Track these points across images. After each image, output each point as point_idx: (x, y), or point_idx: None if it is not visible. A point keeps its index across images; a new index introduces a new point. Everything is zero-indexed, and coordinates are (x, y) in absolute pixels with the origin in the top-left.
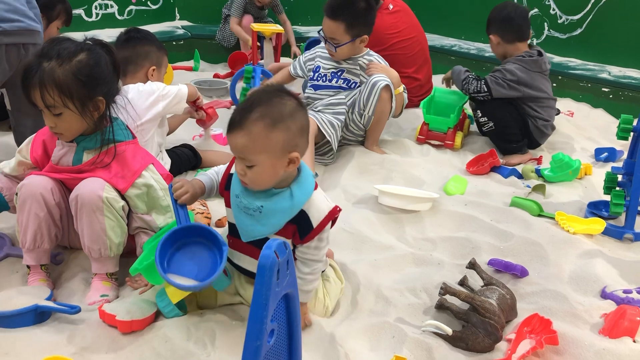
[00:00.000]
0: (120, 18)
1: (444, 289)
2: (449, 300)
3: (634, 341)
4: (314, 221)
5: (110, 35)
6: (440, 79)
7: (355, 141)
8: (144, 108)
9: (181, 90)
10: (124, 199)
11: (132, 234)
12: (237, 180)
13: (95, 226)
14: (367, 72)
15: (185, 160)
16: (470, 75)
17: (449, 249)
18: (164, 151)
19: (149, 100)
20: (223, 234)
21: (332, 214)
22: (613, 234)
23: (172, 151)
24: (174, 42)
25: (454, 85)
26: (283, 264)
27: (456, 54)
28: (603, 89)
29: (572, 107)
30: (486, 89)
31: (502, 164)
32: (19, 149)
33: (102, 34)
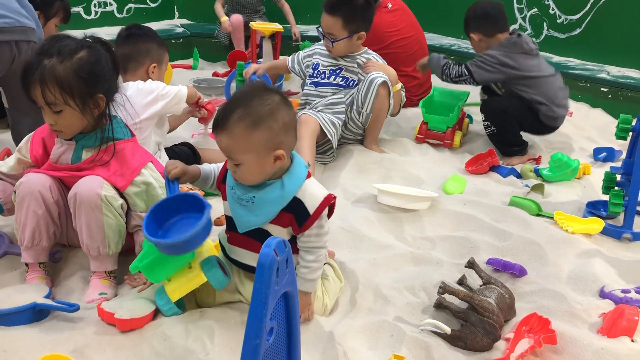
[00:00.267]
0: (119, 16)
1: (443, 288)
2: (448, 299)
3: (632, 340)
4: (310, 208)
5: (109, 33)
6: (420, 67)
7: (354, 140)
8: (142, 106)
9: (181, 91)
10: (122, 197)
11: (130, 232)
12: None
13: (93, 224)
14: (365, 69)
15: (184, 159)
16: (450, 62)
17: (447, 248)
18: (162, 150)
19: (147, 98)
20: (221, 232)
21: (327, 200)
22: (611, 233)
23: (171, 149)
24: (173, 41)
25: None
26: (282, 262)
27: (455, 53)
28: (602, 88)
29: (571, 106)
30: (467, 72)
31: (501, 164)
32: (18, 148)
33: (101, 32)
